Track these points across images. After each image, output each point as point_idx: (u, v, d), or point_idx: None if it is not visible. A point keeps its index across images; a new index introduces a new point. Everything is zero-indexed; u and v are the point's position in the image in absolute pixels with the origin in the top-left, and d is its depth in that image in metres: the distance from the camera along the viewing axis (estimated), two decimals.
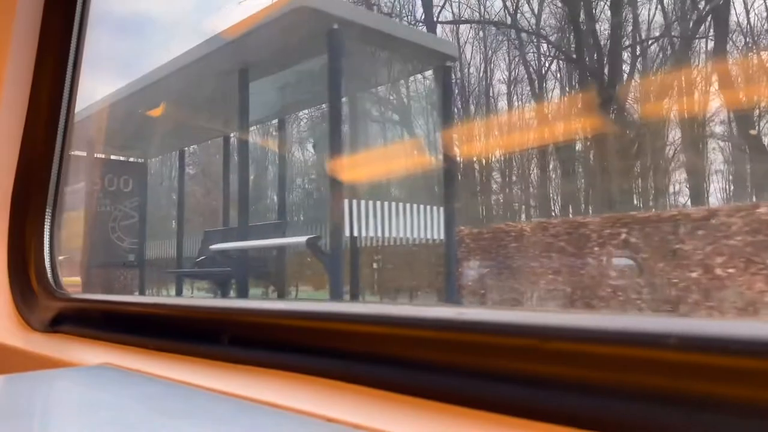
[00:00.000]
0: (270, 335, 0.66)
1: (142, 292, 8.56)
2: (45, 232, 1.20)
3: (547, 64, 8.86)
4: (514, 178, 9.35)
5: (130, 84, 6.86)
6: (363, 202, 5.42)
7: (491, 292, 6.03)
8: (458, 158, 8.37)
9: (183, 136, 8.39)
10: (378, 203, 5.55)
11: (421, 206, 5.87)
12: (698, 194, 7.42)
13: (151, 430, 0.52)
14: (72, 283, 8.17)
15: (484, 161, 9.25)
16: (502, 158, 9.22)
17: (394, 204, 5.69)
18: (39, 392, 0.71)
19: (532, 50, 9.06)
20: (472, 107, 9.51)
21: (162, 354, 0.78)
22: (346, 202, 5.26)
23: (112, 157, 8.58)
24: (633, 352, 0.39)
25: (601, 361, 0.40)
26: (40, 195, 1.20)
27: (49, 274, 1.16)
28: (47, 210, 1.21)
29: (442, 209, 5.90)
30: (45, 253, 1.19)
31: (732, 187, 7.49)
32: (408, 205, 5.80)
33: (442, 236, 5.85)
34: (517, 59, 9.10)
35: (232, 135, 7.69)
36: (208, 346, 0.71)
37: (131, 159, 8.85)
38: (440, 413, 0.46)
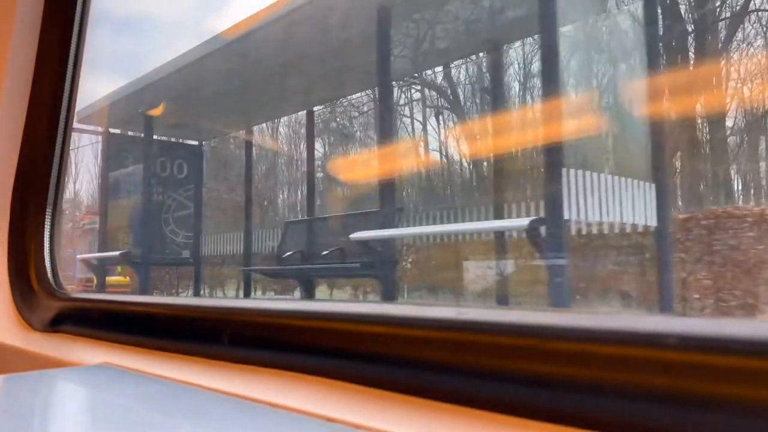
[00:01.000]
0: (270, 335, 0.66)
1: (197, 294, 7.48)
2: (45, 232, 1.20)
3: None
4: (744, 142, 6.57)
5: (200, 45, 5.60)
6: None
7: (725, 303, 4.22)
8: (664, 116, 5.61)
9: (251, 111, 7.06)
10: (573, 173, 3.93)
11: (621, 180, 4.12)
12: None
13: (151, 430, 0.52)
14: (120, 283, 7.68)
15: (702, 119, 6.56)
16: (726, 115, 6.41)
17: (589, 175, 4.02)
18: (39, 392, 0.71)
19: None
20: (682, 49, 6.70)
21: (162, 354, 0.78)
22: (563, 171, 3.80)
23: (165, 138, 7.47)
24: (633, 351, 0.39)
25: (601, 360, 0.40)
26: (40, 195, 1.20)
27: (49, 274, 1.16)
28: (47, 210, 1.21)
29: (652, 185, 4.17)
30: (45, 253, 1.19)
31: None
32: (606, 178, 4.07)
33: (650, 222, 4.17)
34: None
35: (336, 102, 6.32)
36: (209, 346, 0.71)
37: (190, 142, 7.72)
38: (440, 413, 0.46)
